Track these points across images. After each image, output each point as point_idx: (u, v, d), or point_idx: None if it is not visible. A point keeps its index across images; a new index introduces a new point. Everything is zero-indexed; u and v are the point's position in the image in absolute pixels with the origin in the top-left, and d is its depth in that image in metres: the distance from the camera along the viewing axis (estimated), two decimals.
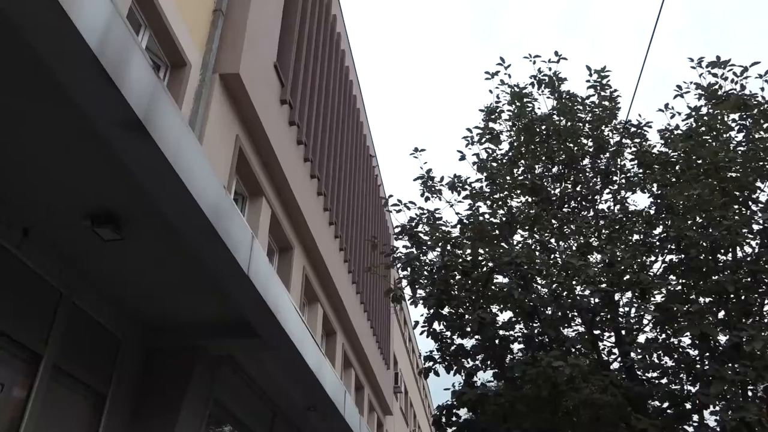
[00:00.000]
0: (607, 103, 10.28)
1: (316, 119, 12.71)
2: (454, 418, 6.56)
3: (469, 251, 6.94)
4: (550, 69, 10.41)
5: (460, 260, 6.86)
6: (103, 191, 4.36)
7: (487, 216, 8.07)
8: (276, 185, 10.47)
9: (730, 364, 5.62)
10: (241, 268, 5.01)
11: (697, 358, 6.54)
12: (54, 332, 5.07)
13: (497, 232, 7.89)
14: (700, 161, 8.38)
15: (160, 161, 3.77)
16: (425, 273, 6.99)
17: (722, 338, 6.13)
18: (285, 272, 10.92)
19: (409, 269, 6.90)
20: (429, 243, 7.48)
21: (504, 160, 9.98)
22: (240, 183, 9.63)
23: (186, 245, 4.76)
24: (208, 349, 6.56)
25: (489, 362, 6.81)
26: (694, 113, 9.49)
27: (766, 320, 6.72)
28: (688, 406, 6.54)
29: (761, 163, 8.25)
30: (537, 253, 7.06)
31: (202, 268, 5.16)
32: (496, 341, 6.59)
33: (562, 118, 10.08)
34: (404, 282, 6.90)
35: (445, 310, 6.77)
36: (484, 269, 6.65)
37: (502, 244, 7.61)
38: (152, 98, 3.62)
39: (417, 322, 6.54)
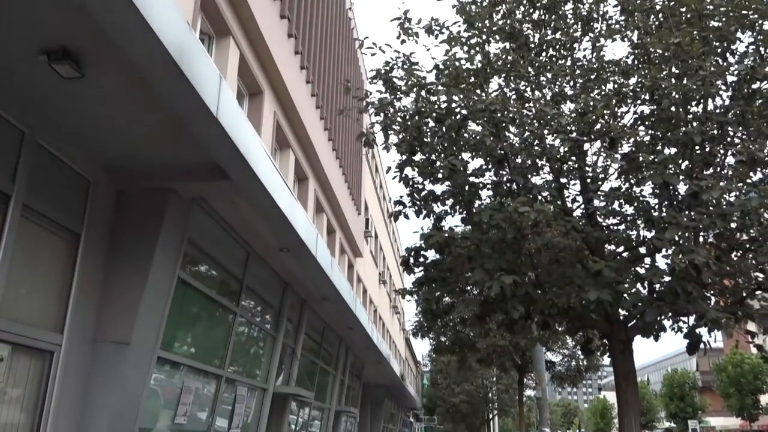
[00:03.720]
0: None
1: None
2: (421, 259, 6.86)
3: (443, 98, 6.84)
4: None
5: (435, 107, 6.78)
6: (57, 25, 4.09)
7: (463, 61, 7.86)
8: (244, 25, 9.93)
9: (686, 212, 5.88)
10: (209, 110, 4.89)
11: (656, 206, 6.81)
12: (20, 171, 5.01)
13: (473, 78, 7.73)
14: (683, 9, 8.12)
15: None
16: (399, 119, 6.92)
17: (683, 188, 6.34)
18: (255, 117, 10.73)
19: (382, 114, 6.82)
20: (403, 88, 7.32)
21: (484, 3, 9.52)
22: (205, 22, 9.11)
23: (151, 85, 4.58)
24: (180, 192, 6.60)
25: (458, 207, 7.01)
26: None
27: (725, 171, 6.93)
28: (642, 250, 6.91)
29: (745, 12, 8.04)
30: (512, 102, 7.00)
31: (169, 110, 5.02)
32: (466, 187, 6.72)
33: None
34: (377, 127, 6.84)
35: (417, 157, 6.81)
36: (458, 116, 6.60)
37: (477, 91, 7.49)
38: None
39: (389, 168, 6.60)
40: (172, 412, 7.44)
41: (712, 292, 6.49)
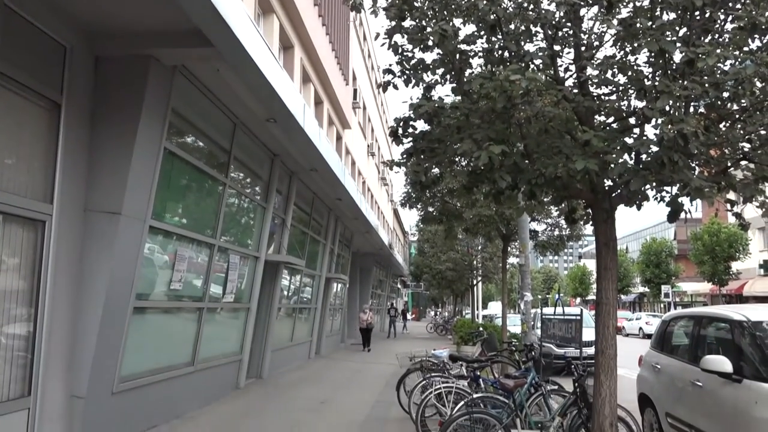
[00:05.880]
0: None
1: None
2: (410, 130, 6.78)
3: None
4: None
5: None
6: None
7: None
8: None
9: (680, 81, 5.76)
10: None
11: (650, 75, 6.67)
12: None
13: None
14: None
15: None
16: None
17: (678, 57, 6.18)
18: None
19: None
20: None
21: None
22: None
23: None
24: (161, 59, 6.37)
25: (448, 76, 6.81)
26: None
27: (722, 38, 6.73)
28: (632, 120, 6.86)
29: None
30: None
31: None
32: (457, 55, 6.50)
33: None
34: None
35: (407, 22, 6.51)
36: None
37: None
38: None
39: (378, 34, 6.33)
40: (168, 279, 7.70)
41: (697, 162, 6.53)
